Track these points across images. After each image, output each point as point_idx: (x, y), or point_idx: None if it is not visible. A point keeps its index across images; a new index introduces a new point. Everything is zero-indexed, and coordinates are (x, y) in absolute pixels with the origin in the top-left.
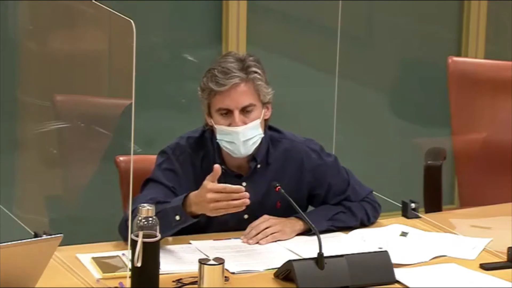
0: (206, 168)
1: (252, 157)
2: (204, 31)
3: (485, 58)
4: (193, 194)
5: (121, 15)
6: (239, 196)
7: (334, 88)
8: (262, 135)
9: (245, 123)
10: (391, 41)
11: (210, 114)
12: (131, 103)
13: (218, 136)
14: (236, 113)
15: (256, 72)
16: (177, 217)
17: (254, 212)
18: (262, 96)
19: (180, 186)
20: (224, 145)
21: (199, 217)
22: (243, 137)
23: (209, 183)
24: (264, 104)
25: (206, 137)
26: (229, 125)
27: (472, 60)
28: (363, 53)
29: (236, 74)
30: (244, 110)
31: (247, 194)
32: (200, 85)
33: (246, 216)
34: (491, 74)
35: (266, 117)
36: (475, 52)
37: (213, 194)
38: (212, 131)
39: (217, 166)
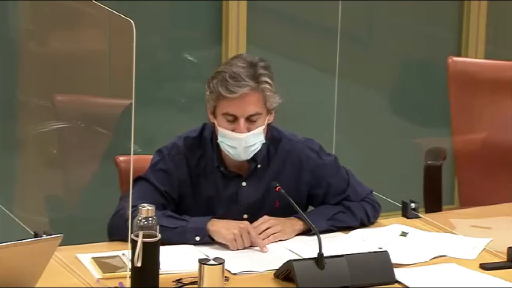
0: (203, 167)
1: (252, 158)
2: (204, 31)
3: (485, 58)
4: (215, 222)
5: (121, 15)
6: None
7: (334, 88)
8: (264, 141)
9: (249, 131)
10: (391, 41)
11: (214, 115)
12: (131, 103)
13: (220, 138)
14: (242, 121)
15: (266, 82)
16: (197, 238)
17: (253, 211)
18: (268, 104)
19: (172, 187)
20: (225, 147)
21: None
22: (245, 144)
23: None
24: (269, 111)
25: (205, 137)
26: (233, 130)
27: (472, 60)
28: (363, 53)
29: (246, 82)
30: (250, 118)
31: (266, 248)
32: (208, 84)
33: (245, 216)
34: (491, 74)
35: (269, 122)
36: (475, 52)
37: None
38: (213, 130)
39: None
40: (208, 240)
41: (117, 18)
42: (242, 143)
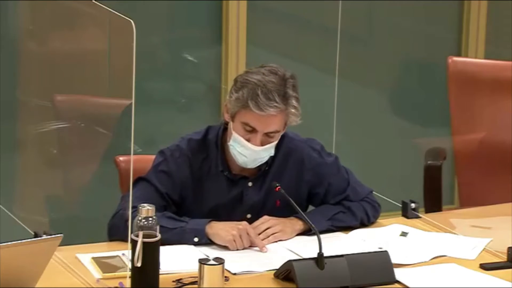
0: (206, 170)
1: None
2: (204, 31)
3: (485, 58)
4: (214, 225)
5: (121, 15)
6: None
7: (334, 88)
8: (272, 154)
9: (263, 145)
10: (391, 41)
11: (232, 118)
12: (131, 103)
13: (232, 142)
14: (259, 135)
15: (294, 107)
16: (196, 239)
17: (256, 211)
18: (288, 123)
19: (174, 189)
20: (234, 152)
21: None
22: (256, 155)
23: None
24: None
25: (210, 139)
26: (248, 140)
27: (472, 60)
28: (363, 53)
29: (276, 104)
30: (268, 134)
31: (265, 248)
32: (235, 87)
33: (249, 216)
34: (491, 74)
35: None
36: (475, 52)
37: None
38: (218, 134)
39: None
40: (207, 241)
41: (117, 18)
42: (254, 154)
